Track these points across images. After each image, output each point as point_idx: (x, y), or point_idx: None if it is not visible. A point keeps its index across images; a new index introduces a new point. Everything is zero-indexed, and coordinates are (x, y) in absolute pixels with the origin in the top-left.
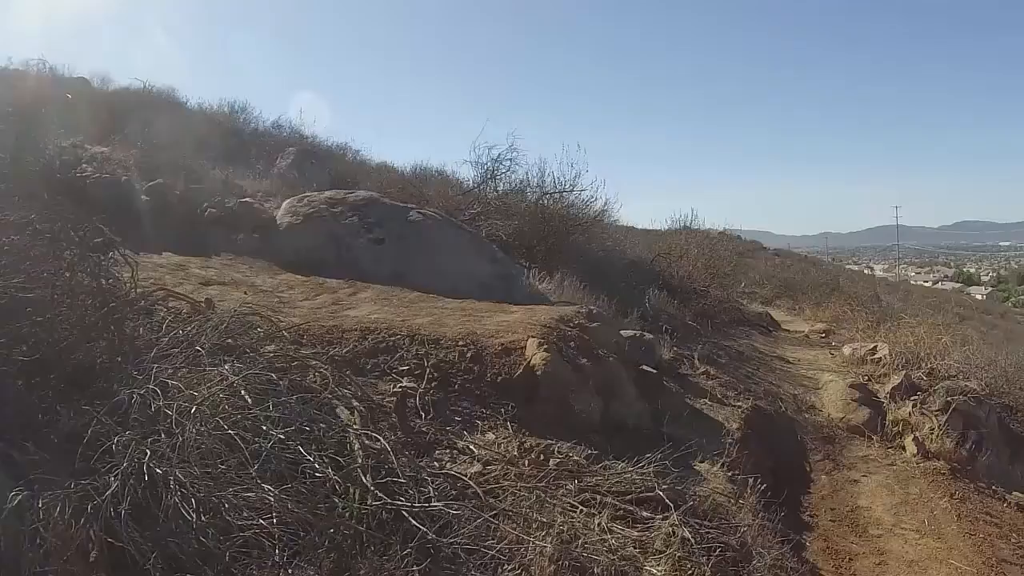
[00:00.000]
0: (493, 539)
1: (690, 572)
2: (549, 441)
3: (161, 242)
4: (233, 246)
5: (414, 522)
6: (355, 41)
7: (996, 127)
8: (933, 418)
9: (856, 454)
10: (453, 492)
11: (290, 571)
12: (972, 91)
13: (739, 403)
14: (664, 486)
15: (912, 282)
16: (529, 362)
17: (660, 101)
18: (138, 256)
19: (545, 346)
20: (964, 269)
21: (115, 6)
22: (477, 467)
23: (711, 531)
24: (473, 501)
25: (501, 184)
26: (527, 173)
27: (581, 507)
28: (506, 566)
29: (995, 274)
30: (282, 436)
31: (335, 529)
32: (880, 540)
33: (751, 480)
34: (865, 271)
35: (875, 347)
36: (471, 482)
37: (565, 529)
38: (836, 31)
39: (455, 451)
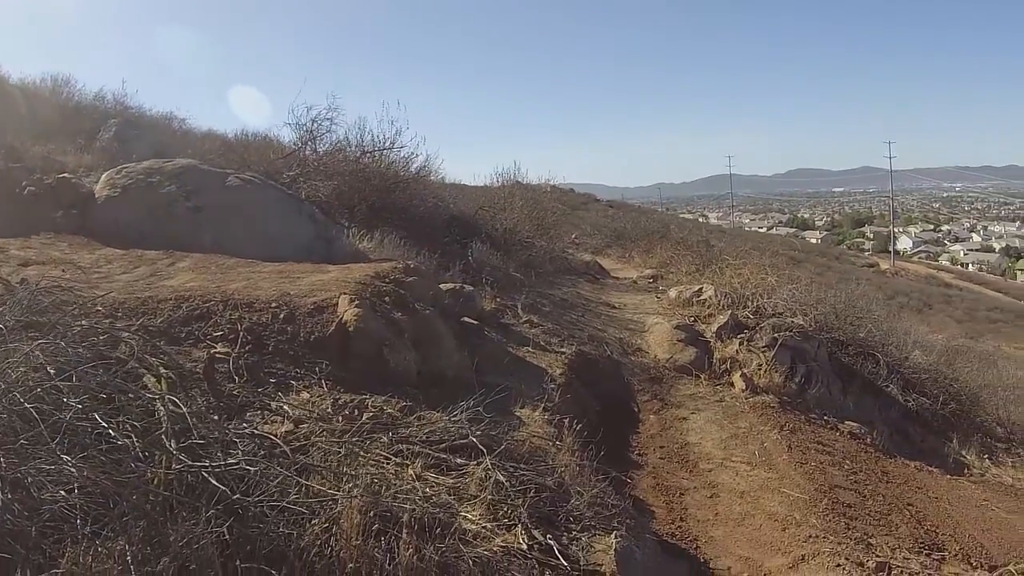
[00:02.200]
0: (300, 495)
1: (505, 514)
2: (363, 396)
3: None
4: (54, 224)
5: (214, 482)
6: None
7: (828, 77)
8: (760, 354)
9: (684, 392)
10: (262, 452)
11: (98, 543)
12: (803, 43)
13: (563, 349)
14: (478, 432)
15: (747, 228)
16: (341, 319)
17: (496, 60)
18: None
19: (357, 302)
20: (798, 215)
21: None
22: (288, 426)
23: (527, 473)
24: (281, 459)
25: (321, 145)
26: (347, 133)
27: (394, 458)
28: (313, 520)
29: (829, 219)
30: (80, 406)
31: (141, 497)
32: (711, 474)
33: (569, 422)
34: (699, 219)
35: (700, 289)
36: (279, 441)
37: (375, 480)
38: None
39: (268, 412)
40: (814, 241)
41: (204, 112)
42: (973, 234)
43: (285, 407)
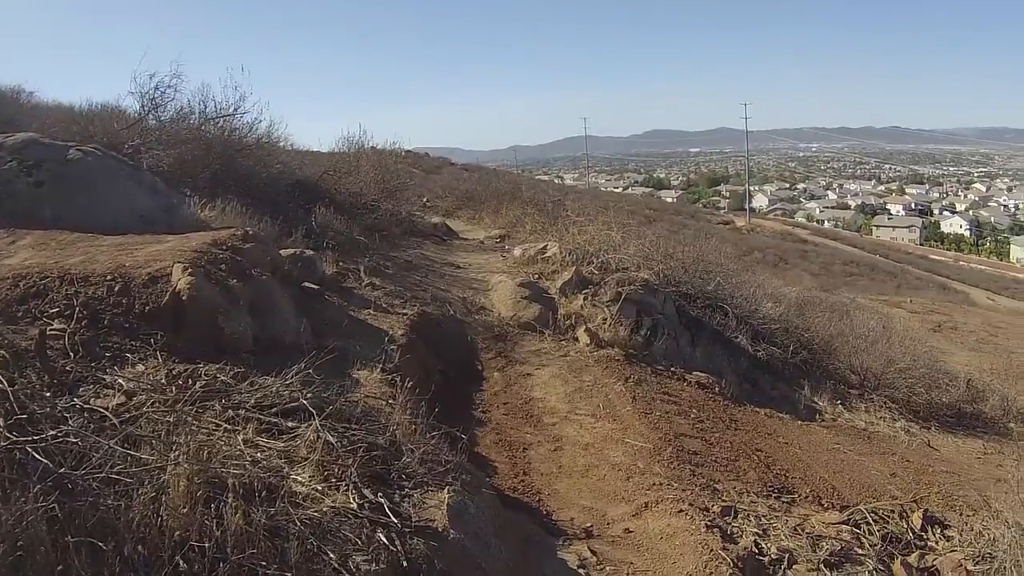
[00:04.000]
0: (127, 465)
1: (335, 474)
2: (197, 364)
3: None
4: None
5: (39, 457)
6: None
7: (686, 39)
8: (605, 309)
9: (529, 349)
10: (92, 425)
11: None
12: (662, 3)
13: (405, 310)
14: (309, 395)
15: (602, 189)
16: (175, 288)
17: (354, 22)
18: None
19: (191, 270)
20: (654, 175)
21: None
22: (120, 398)
23: (358, 433)
24: (110, 432)
25: (165, 113)
26: (190, 100)
27: (225, 425)
28: (140, 490)
29: (685, 179)
30: None
31: None
32: (555, 428)
33: (403, 380)
34: (555, 180)
35: (545, 247)
36: (109, 413)
37: (203, 447)
38: None
39: (101, 386)
40: (669, 200)
41: (52, 82)
42: (829, 192)
43: (119, 380)
